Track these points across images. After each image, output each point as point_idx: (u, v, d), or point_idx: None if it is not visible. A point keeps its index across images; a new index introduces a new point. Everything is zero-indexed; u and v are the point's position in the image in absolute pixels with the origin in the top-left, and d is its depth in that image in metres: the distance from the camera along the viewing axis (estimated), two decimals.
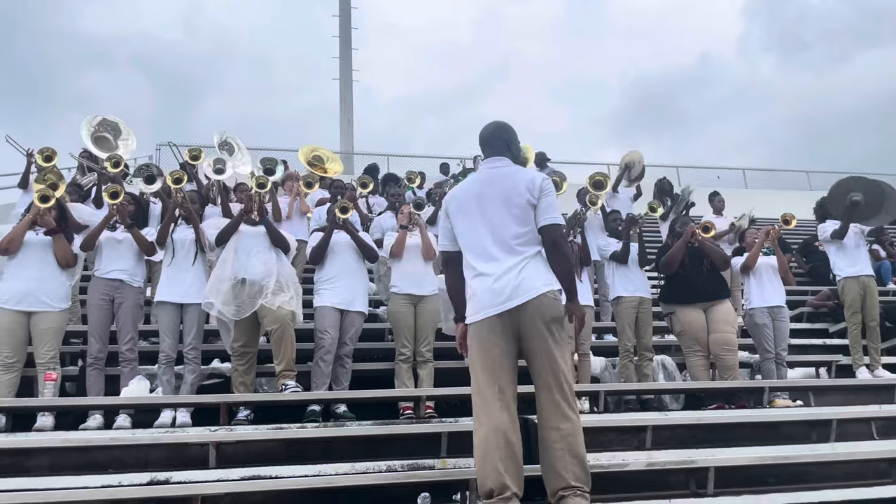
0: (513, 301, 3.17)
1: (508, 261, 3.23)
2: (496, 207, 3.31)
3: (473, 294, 3.29)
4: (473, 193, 3.41)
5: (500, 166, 3.46)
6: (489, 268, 3.24)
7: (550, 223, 3.28)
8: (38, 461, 4.12)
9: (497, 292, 3.19)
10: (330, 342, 5.25)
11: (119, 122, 7.37)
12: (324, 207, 6.46)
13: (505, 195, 3.32)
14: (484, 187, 3.39)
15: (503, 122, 3.60)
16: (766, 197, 16.33)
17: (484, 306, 3.22)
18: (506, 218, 3.29)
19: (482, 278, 3.25)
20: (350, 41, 22.81)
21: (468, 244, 3.36)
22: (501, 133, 3.54)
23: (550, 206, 3.31)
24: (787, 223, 6.63)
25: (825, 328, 8.04)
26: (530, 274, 3.21)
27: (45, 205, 5.10)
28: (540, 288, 3.19)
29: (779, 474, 4.34)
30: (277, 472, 3.93)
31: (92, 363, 5.13)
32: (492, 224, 3.30)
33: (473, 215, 3.35)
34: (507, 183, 3.35)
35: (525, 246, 3.27)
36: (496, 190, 3.35)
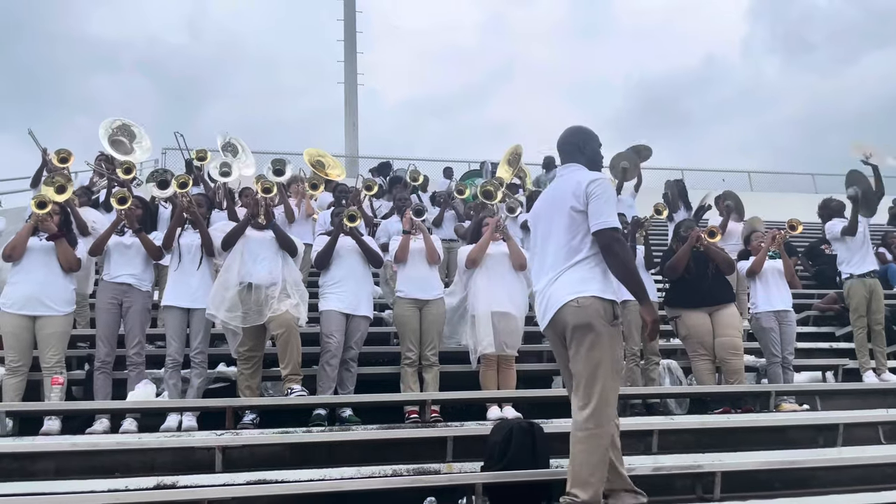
0: (546, 317, 3.25)
1: (549, 275, 3.26)
2: (551, 221, 3.32)
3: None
4: (537, 209, 3.47)
5: (566, 174, 3.42)
6: (537, 284, 3.36)
7: (599, 228, 3.17)
8: (44, 465, 4.13)
9: (538, 307, 3.32)
10: (335, 346, 5.26)
11: (134, 125, 7.42)
12: (329, 211, 6.48)
13: (557, 205, 3.30)
14: (547, 198, 3.44)
15: (577, 126, 3.56)
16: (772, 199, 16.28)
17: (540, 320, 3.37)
18: (558, 228, 3.27)
19: (535, 295, 3.40)
20: (355, 45, 22.84)
21: (532, 259, 3.49)
22: (571, 138, 3.51)
23: (599, 210, 3.18)
24: (793, 229, 6.61)
25: (832, 332, 8.00)
26: (559, 286, 3.21)
27: (42, 210, 5.11)
28: (562, 298, 3.17)
29: (785, 479, 4.32)
30: (283, 477, 3.94)
31: (99, 367, 5.14)
32: (548, 236, 3.32)
33: (535, 231, 3.44)
34: (561, 191, 3.34)
35: (568, 256, 3.22)
36: (554, 200, 3.35)
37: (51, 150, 7.17)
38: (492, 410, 5.20)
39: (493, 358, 5.43)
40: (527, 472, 3.87)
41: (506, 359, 5.45)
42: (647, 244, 6.41)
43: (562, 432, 4.53)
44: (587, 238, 3.21)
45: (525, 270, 5.66)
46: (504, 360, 5.45)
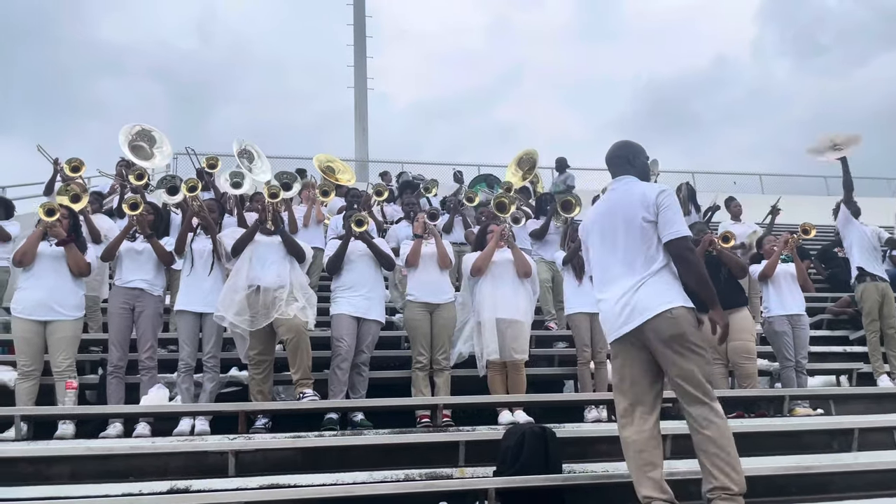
0: (630, 325, 3.24)
1: (628, 282, 3.27)
2: (617, 232, 3.36)
3: (603, 318, 3.44)
4: (598, 218, 3.49)
5: (619, 187, 3.50)
6: (609, 292, 3.34)
7: (673, 238, 3.25)
8: (59, 469, 4.15)
9: (616, 316, 3.29)
10: (346, 350, 5.27)
11: (153, 130, 7.48)
12: (340, 217, 6.50)
13: (623, 215, 3.36)
14: (606, 210, 3.46)
15: (625, 140, 3.65)
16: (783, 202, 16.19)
17: (609, 330, 3.37)
18: (626, 239, 3.32)
19: (604, 302, 3.39)
20: (365, 50, 22.89)
21: (595, 268, 3.49)
22: (621, 151, 3.59)
23: (670, 220, 3.27)
24: (806, 233, 6.57)
25: (845, 335, 7.96)
26: (646, 294, 3.23)
27: (50, 218, 5.15)
28: (654, 308, 3.20)
29: (800, 484, 4.29)
30: (296, 481, 3.95)
31: (112, 371, 5.18)
32: (614, 246, 3.36)
33: (598, 240, 3.46)
34: (624, 202, 3.39)
35: (645, 265, 3.27)
36: (616, 212, 3.40)
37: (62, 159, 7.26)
38: (503, 415, 5.20)
39: (500, 362, 5.43)
40: (540, 476, 3.86)
41: (515, 363, 5.44)
42: None
43: (574, 437, 4.56)
44: (660, 247, 3.29)
45: (530, 277, 5.66)
46: (514, 365, 5.44)
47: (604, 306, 3.39)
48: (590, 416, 5.51)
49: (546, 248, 7.49)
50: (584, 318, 5.91)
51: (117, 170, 8.01)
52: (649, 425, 3.27)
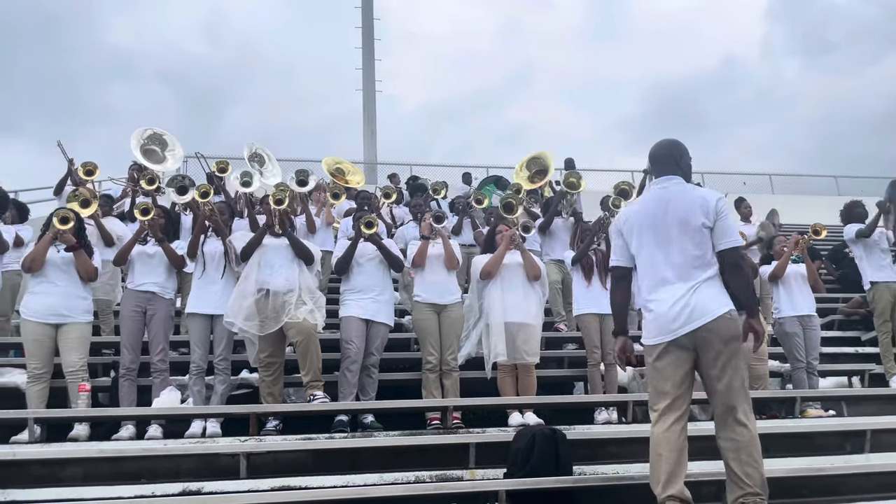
0: (689, 326, 3.23)
1: (683, 284, 3.27)
2: (671, 231, 3.34)
3: (650, 318, 3.36)
4: (648, 214, 3.43)
5: (671, 186, 3.47)
6: (664, 293, 3.30)
7: (730, 246, 3.30)
8: (72, 471, 4.18)
9: (673, 318, 3.26)
10: (355, 352, 5.29)
11: (164, 133, 7.52)
12: (349, 219, 6.51)
13: (681, 218, 3.34)
14: (658, 208, 3.41)
15: (673, 140, 3.63)
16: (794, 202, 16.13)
17: (661, 332, 3.30)
18: (683, 241, 3.31)
19: (657, 303, 3.32)
20: (373, 52, 22.94)
21: (643, 266, 3.42)
22: (671, 150, 3.56)
23: (728, 228, 3.33)
24: (817, 234, 6.53)
25: (857, 336, 7.91)
26: (705, 297, 3.25)
27: (65, 227, 5.19)
28: (716, 310, 3.23)
29: (812, 486, 4.27)
30: (307, 483, 3.97)
31: (124, 374, 5.21)
32: (667, 247, 3.33)
33: (647, 237, 3.40)
34: (680, 204, 3.38)
35: (700, 269, 3.29)
36: (670, 211, 3.37)
37: (77, 162, 7.31)
38: (513, 417, 5.20)
39: (510, 364, 5.43)
40: (550, 479, 3.87)
41: (525, 365, 5.43)
42: None
43: (584, 439, 4.56)
44: (713, 253, 3.33)
45: (539, 280, 5.65)
46: (524, 367, 5.43)
47: (658, 308, 3.32)
48: (600, 418, 5.50)
49: (553, 245, 7.44)
50: (594, 318, 5.89)
51: (129, 173, 8.05)
52: (681, 426, 3.29)
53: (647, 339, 3.38)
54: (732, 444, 3.21)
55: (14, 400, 5.29)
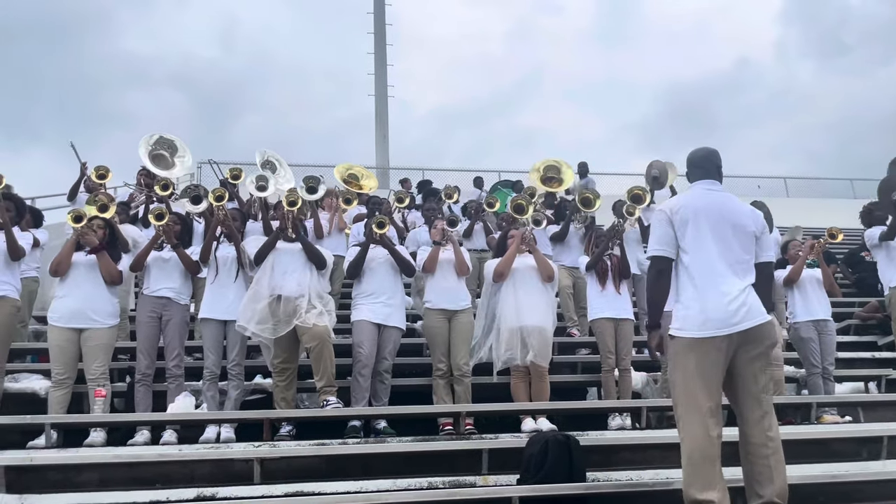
0: (745, 324, 3.24)
1: (738, 283, 3.30)
2: (725, 230, 3.38)
3: (697, 311, 3.29)
4: (702, 209, 3.43)
5: (718, 190, 3.54)
6: (724, 287, 3.28)
7: (770, 259, 3.52)
8: (88, 476, 4.22)
9: (732, 313, 3.25)
10: (366, 356, 5.30)
11: (175, 139, 7.56)
12: (362, 223, 6.53)
13: (734, 221, 3.41)
14: (712, 207, 3.43)
15: (714, 149, 3.68)
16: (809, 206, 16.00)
17: (715, 325, 3.24)
18: (734, 242, 3.38)
19: (717, 296, 3.27)
20: (385, 58, 23.01)
21: (697, 258, 3.36)
22: (714, 158, 3.63)
23: (770, 243, 3.53)
24: (833, 238, 6.47)
25: (874, 341, 7.83)
26: (755, 300, 3.32)
27: (78, 224, 5.24)
28: (765, 314, 3.33)
29: (828, 492, 4.23)
30: (320, 489, 3.99)
31: (140, 379, 5.25)
32: (722, 245, 3.36)
33: (703, 231, 3.38)
34: (733, 208, 3.46)
35: (747, 273, 3.37)
36: (725, 213, 3.42)
37: (90, 166, 7.37)
38: (526, 422, 5.19)
39: (523, 369, 5.42)
40: (564, 485, 3.86)
41: (539, 370, 5.42)
42: None
43: (598, 445, 4.55)
44: (752, 261, 3.43)
45: (552, 282, 5.64)
46: (537, 373, 5.42)
47: (716, 301, 3.27)
48: (613, 424, 5.48)
49: (567, 253, 7.44)
50: (609, 323, 5.88)
51: (138, 178, 8.09)
52: (721, 429, 3.29)
53: (693, 330, 3.26)
54: (768, 449, 3.25)
55: (31, 405, 5.35)
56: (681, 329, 3.31)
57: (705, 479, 3.17)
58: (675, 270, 3.42)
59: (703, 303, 3.28)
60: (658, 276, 3.47)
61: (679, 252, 3.40)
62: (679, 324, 3.33)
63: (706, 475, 3.18)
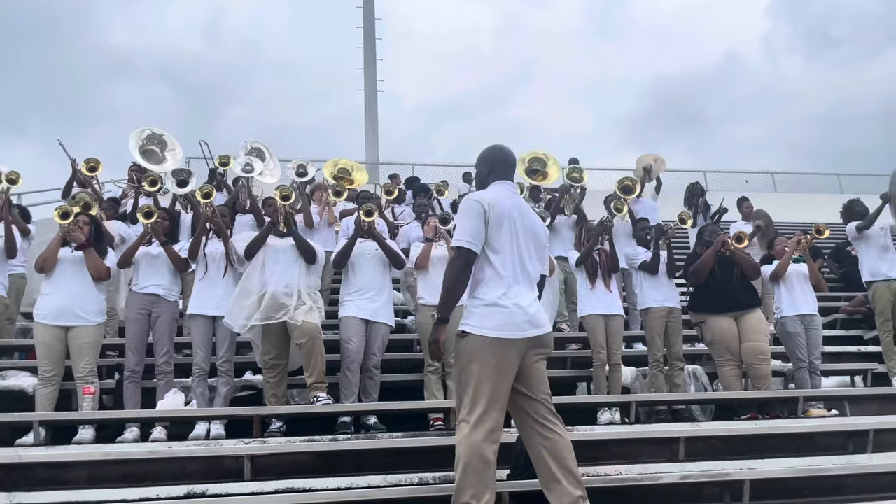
0: (538, 329, 3.26)
1: (533, 291, 3.36)
2: (527, 237, 3.36)
3: (501, 310, 3.20)
4: (510, 212, 3.34)
5: (517, 194, 3.54)
6: (525, 291, 3.29)
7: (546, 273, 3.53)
8: (77, 474, 4.20)
9: (531, 318, 3.24)
10: (354, 352, 5.31)
11: (164, 133, 7.51)
12: (352, 218, 6.51)
13: (534, 231, 3.41)
14: (519, 211, 3.38)
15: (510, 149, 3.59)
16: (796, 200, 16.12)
17: (516, 328, 3.19)
18: (532, 251, 3.37)
19: (518, 299, 3.23)
20: (374, 52, 22.93)
21: (505, 260, 3.28)
22: (513, 160, 3.58)
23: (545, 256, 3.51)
24: (819, 234, 6.51)
25: (860, 335, 7.90)
26: (541, 308, 3.37)
27: (64, 221, 5.20)
28: (549, 323, 3.42)
29: (815, 486, 4.28)
30: (311, 485, 3.98)
31: (129, 376, 5.23)
32: (524, 250, 3.34)
33: (514, 234, 3.32)
34: (533, 219, 3.46)
35: (535, 282, 3.40)
36: (527, 221, 3.39)
37: (79, 161, 7.32)
38: None
39: None
40: None
41: None
42: (670, 249, 6.39)
43: (587, 439, 4.56)
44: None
45: (550, 276, 5.64)
46: None
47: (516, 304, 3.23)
48: (603, 419, 5.52)
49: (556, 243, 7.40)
50: (599, 319, 5.92)
51: (129, 174, 8.04)
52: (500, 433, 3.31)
53: (490, 329, 3.17)
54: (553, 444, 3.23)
55: (19, 403, 5.33)
56: (480, 327, 3.20)
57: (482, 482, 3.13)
58: (479, 266, 3.28)
59: (509, 304, 3.21)
60: (464, 268, 3.28)
61: (486, 249, 3.26)
62: (478, 321, 3.22)
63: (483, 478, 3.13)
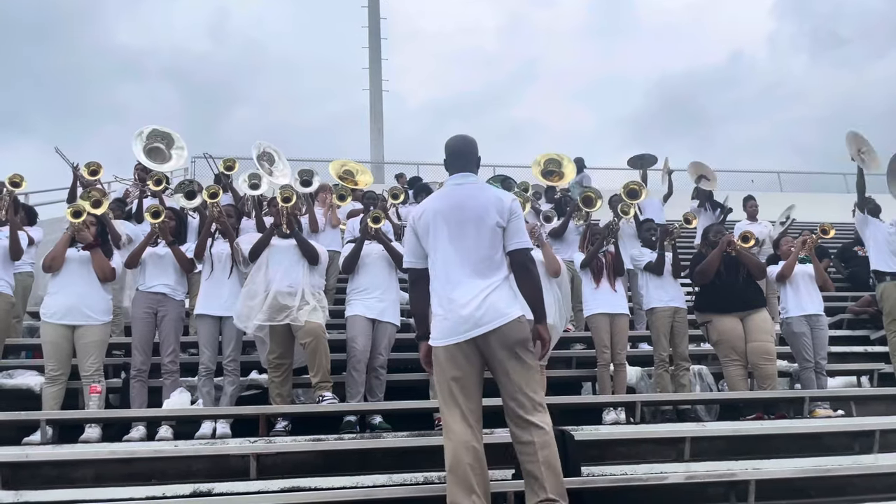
0: (480, 328, 3.11)
1: (476, 285, 3.15)
2: (466, 228, 3.21)
3: (440, 318, 3.21)
4: (441, 211, 3.28)
5: (467, 183, 3.35)
6: (456, 293, 3.16)
7: (520, 247, 3.23)
8: (84, 472, 4.22)
9: (464, 319, 3.12)
10: (361, 351, 5.31)
11: (170, 131, 7.51)
12: (357, 219, 6.53)
13: (475, 216, 3.22)
14: (453, 205, 3.28)
15: (468, 136, 3.50)
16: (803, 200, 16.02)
17: (450, 332, 3.16)
18: (475, 240, 3.20)
19: (449, 303, 3.17)
20: (379, 51, 22.95)
21: (435, 265, 3.26)
22: (470, 147, 3.44)
23: (519, 229, 3.25)
24: (825, 233, 6.49)
25: (866, 335, 7.88)
26: (497, 299, 3.15)
27: (77, 220, 5.23)
28: (508, 314, 3.15)
29: (820, 486, 4.27)
30: (316, 484, 3.99)
31: (135, 375, 5.25)
32: (460, 245, 3.20)
33: (441, 233, 3.24)
34: (477, 202, 3.25)
35: (493, 270, 3.20)
36: (465, 209, 3.25)
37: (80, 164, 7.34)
38: None
39: None
40: None
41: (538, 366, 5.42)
42: (675, 249, 6.38)
43: (592, 439, 4.57)
44: (502, 255, 3.25)
45: (558, 277, 5.64)
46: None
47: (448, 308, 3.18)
48: (608, 419, 5.51)
49: (565, 248, 7.44)
50: (604, 319, 5.91)
51: (135, 174, 8.06)
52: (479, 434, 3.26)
53: (434, 339, 3.20)
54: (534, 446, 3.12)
55: (26, 401, 5.35)
56: (431, 338, 3.23)
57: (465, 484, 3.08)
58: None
59: (444, 309, 3.19)
60: (411, 286, 3.41)
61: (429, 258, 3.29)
62: (432, 332, 3.24)
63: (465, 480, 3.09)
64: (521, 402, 3.16)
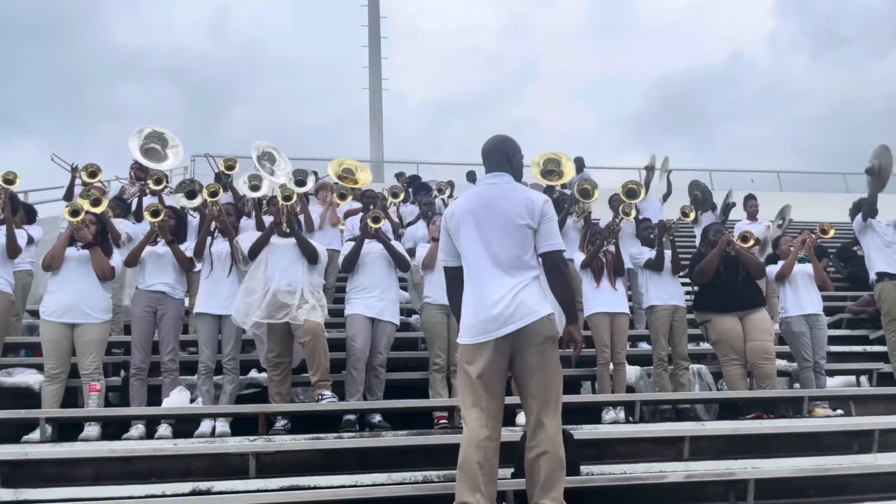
0: (509, 326, 3.12)
1: (506, 284, 3.16)
2: (495, 228, 3.23)
3: (469, 316, 3.22)
4: (471, 210, 3.31)
5: (500, 183, 3.36)
6: (486, 292, 3.17)
7: (552, 249, 3.23)
8: (83, 470, 4.22)
9: (493, 318, 3.13)
10: (360, 350, 5.32)
11: (165, 131, 7.51)
12: (356, 218, 6.53)
13: (504, 216, 3.23)
14: (482, 205, 3.30)
15: (505, 136, 3.52)
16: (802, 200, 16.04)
17: (480, 331, 3.17)
18: (504, 240, 3.21)
19: (478, 302, 3.19)
20: (379, 50, 22.96)
21: (468, 262, 3.28)
22: (502, 146, 3.46)
23: (551, 231, 3.25)
24: (824, 233, 6.49)
25: (865, 335, 7.88)
26: (528, 297, 3.16)
27: (75, 218, 5.23)
28: (538, 311, 3.15)
29: (819, 486, 4.28)
30: (316, 483, 4.00)
31: (135, 374, 5.25)
32: (489, 245, 3.22)
33: (472, 233, 3.26)
34: (506, 203, 3.27)
35: (522, 269, 3.20)
36: (495, 209, 3.26)
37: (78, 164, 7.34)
38: (520, 416, 5.19)
39: None
40: None
41: None
42: (674, 247, 6.38)
43: (592, 439, 4.58)
44: (532, 255, 3.25)
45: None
46: None
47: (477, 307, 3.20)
48: (607, 418, 5.51)
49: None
50: (604, 318, 5.91)
51: (130, 172, 8.06)
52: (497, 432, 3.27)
53: (462, 337, 3.23)
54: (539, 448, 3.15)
55: (26, 399, 5.34)
56: (461, 336, 3.25)
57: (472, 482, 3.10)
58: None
59: (473, 307, 3.21)
60: (448, 285, 3.45)
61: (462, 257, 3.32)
62: (461, 330, 3.26)
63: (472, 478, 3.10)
64: (541, 400, 3.18)
